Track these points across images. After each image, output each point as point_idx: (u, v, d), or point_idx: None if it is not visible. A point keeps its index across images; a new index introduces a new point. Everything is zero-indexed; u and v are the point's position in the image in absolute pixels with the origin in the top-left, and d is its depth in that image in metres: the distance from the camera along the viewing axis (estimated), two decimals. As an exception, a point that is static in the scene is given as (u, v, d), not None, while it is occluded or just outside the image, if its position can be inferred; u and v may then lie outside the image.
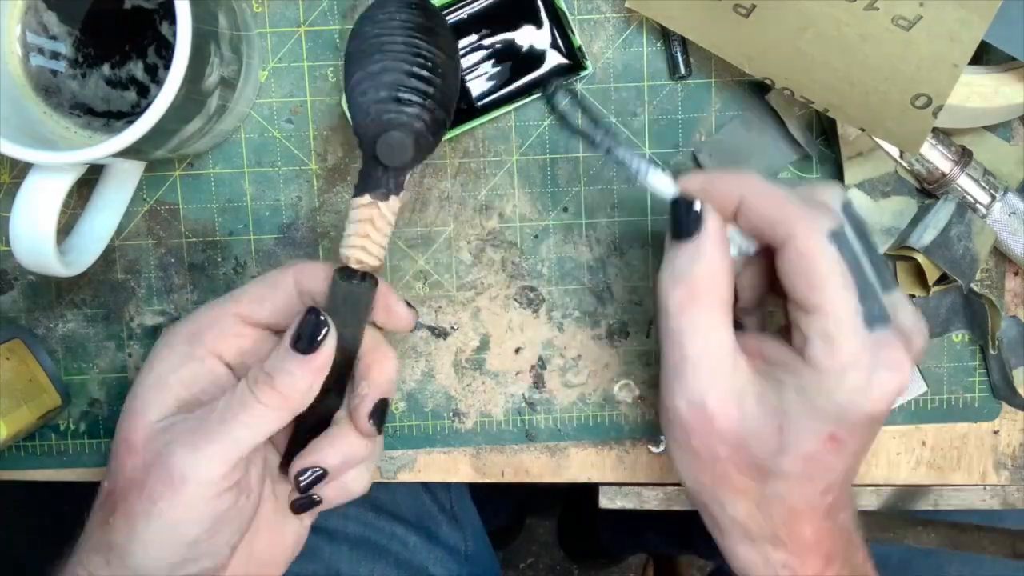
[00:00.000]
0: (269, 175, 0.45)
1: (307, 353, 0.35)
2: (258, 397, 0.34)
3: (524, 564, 1.28)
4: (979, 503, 0.48)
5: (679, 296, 0.34)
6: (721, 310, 0.34)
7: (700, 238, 0.34)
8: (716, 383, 0.34)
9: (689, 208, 0.34)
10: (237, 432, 0.34)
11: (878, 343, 0.32)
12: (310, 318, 0.35)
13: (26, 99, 0.39)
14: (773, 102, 0.43)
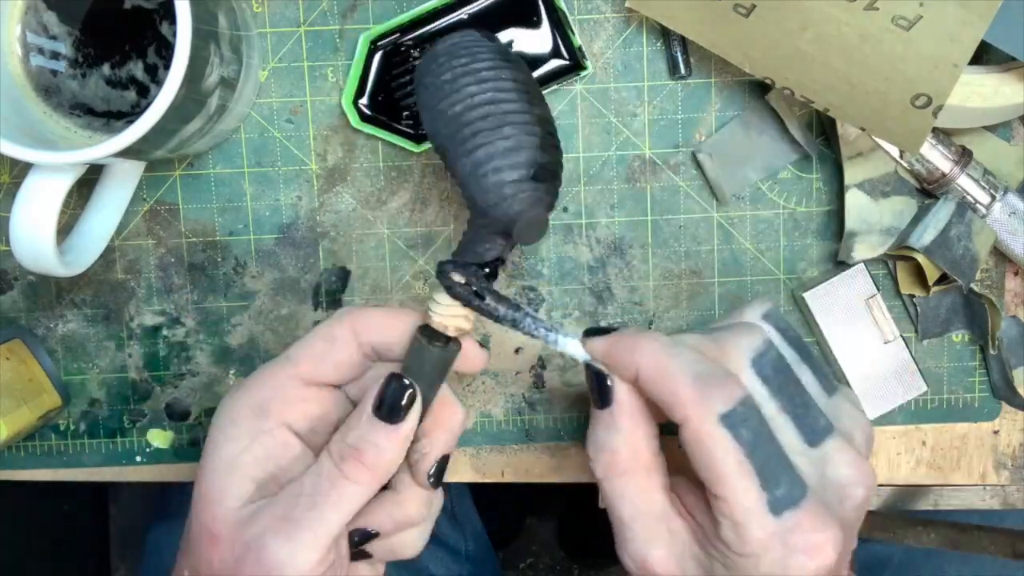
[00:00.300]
0: (269, 175, 0.45)
1: (394, 423, 0.33)
2: (347, 474, 0.33)
3: (524, 564, 1.28)
4: (979, 503, 0.48)
5: (603, 464, 0.33)
6: (647, 477, 0.33)
7: (613, 409, 0.33)
8: (654, 544, 0.32)
9: (600, 378, 0.33)
10: (329, 515, 0.33)
11: (789, 528, 0.30)
12: (394, 385, 0.33)
13: (26, 99, 0.39)
14: (773, 102, 0.43)
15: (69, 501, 1.08)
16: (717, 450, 0.30)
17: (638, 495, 0.33)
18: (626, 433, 0.33)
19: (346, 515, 0.33)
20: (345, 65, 0.44)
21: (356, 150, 0.44)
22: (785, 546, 0.30)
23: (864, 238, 0.44)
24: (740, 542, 0.30)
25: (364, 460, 0.33)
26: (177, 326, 0.46)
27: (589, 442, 0.34)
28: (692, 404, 0.30)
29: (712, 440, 0.30)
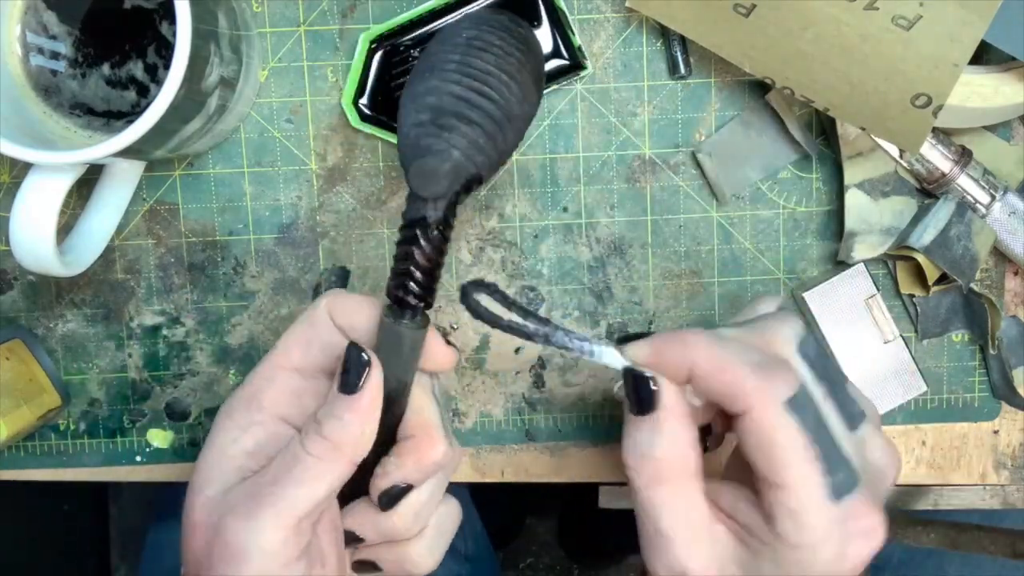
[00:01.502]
0: (269, 175, 0.45)
1: (350, 393, 0.32)
2: (308, 449, 0.32)
3: (524, 564, 1.28)
4: (979, 503, 0.48)
5: (646, 474, 0.32)
6: (691, 483, 0.32)
7: (659, 414, 0.31)
8: (695, 554, 0.31)
9: (643, 383, 0.32)
10: (291, 491, 0.31)
11: (848, 514, 0.30)
12: (351, 353, 0.32)
13: (26, 99, 0.39)
14: (773, 102, 0.43)
15: (69, 501, 1.08)
16: (782, 437, 0.29)
17: (683, 503, 0.32)
18: (673, 438, 0.31)
19: (311, 493, 0.31)
20: (345, 65, 0.44)
21: (356, 150, 0.44)
22: (843, 532, 0.30)
23: (864, 238, 0.44)
24: (799, 532, 0.29)
25: (324, 433, 0.32)
26: (177, 326, 0.46)
27: (628, 451, 0.32)
28: (756, 393, 0.30)
29: (777, 426, 0.30)
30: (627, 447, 0.32)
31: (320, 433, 0.32)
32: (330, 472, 0.32)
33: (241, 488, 0.32)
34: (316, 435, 0.32)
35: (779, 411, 0.30)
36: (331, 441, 0.32)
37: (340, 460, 0.32)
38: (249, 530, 0.31)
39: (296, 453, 0.32)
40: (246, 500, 0.32)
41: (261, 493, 0.31)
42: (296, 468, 0.32)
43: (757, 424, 0.30)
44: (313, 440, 0.32)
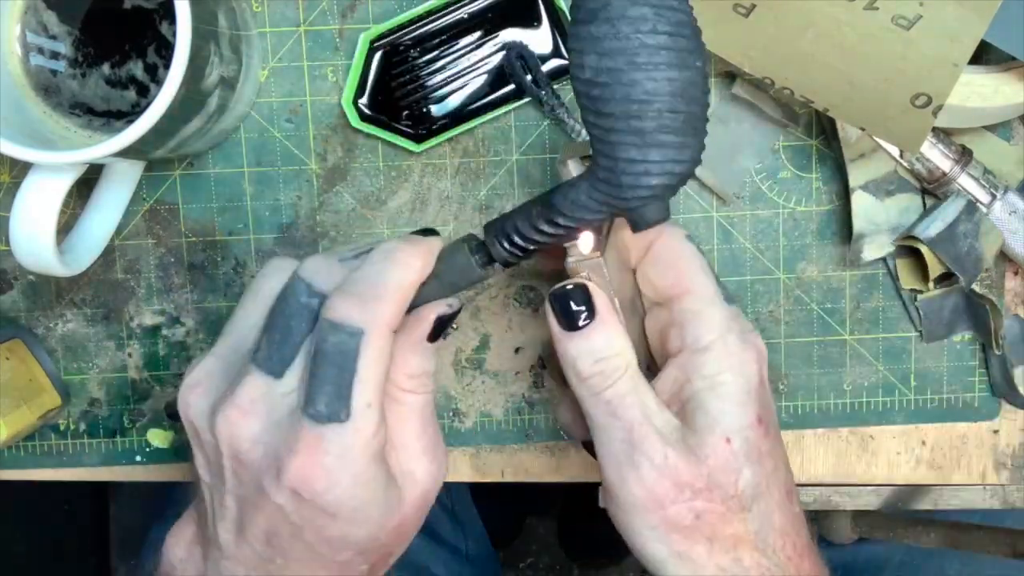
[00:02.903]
0: (269, 175, 0.45)
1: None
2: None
3: (524, 564, 1.28)
4: (979, 503, 0.48)
5: (608, 374, 0.34)
6: (637, 368, 0.35)
7: (602, 315, 0.34)
8: (666, 437, 0.34)
9: (581, 292, 0.34)
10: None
11: (736, 314, 0.35)
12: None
13: (26, 99, 0.39)
14: (741, 93, 0.43)
15: (69, 501, 1.08)
16: (688, 252, 0.36)
17: (643, 385, 0.34)
18: (619, 332, 0.34)
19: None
20: (345, 65, 0.44)
21: (356, 150, 0.44)
22: (739, 327, 0.35)
23: (872, 239, 0.44)
24: (705, 328, 0.34)
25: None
26: (177, 326, 0.46)
27: (580, 363, 0.34)
28: (663, 230, 0.36)
29: (684, 246, 0.36)
30: (578, 361, 0.34)
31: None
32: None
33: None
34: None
35: (682, 237, 0.36)
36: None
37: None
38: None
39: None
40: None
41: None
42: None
43: (666, 247, 0.36)
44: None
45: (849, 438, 0.48)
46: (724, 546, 0.34)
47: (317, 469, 0.31)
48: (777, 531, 0.35)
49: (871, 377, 0.47)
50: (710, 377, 0.34)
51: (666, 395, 0.35)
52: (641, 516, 0.34)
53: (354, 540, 0.33)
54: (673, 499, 0.33)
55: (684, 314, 0.35)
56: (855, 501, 0.49)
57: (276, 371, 0.32)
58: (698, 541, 0.34)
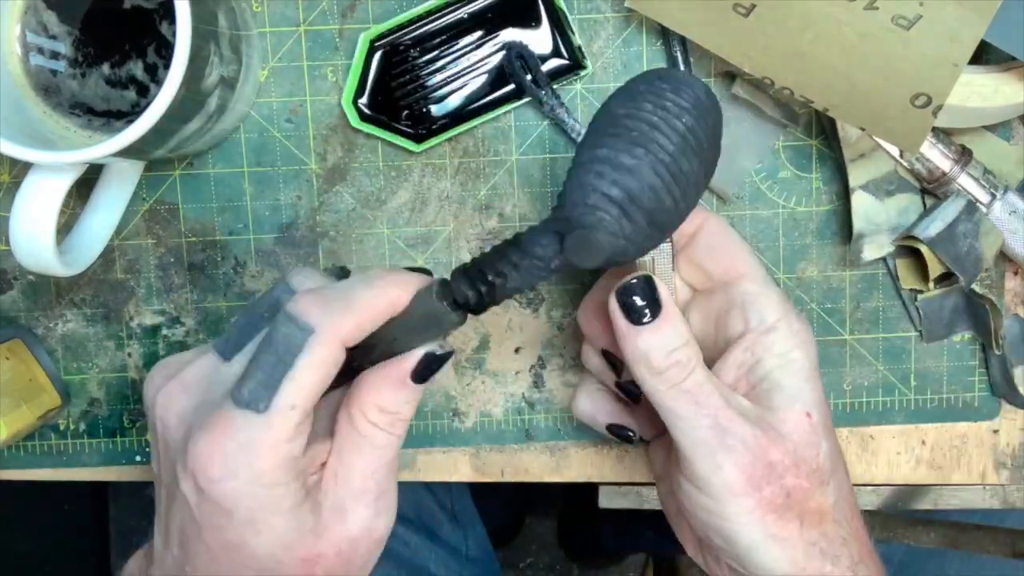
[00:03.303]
0: (269, 175, 0.45)
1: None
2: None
3: (524, 564, 1.28)
4: (979, 503, 0.48)
5: (684, 366, 0.34)
6: (704, 365, 0.35)
7: (667, 308, 0.34)
8: (749, 417, 0.34)
9: (650, 285, 0.34)
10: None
11: (786, 296, 0.37)
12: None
13: (26, 99, 0.39)
14: (741, 93, 0.43)
15: (69, 501, 1.08)
16: (736, 237, 0.37)
17: (709, 373, 0.34)
18: (683, 321, 0.34)
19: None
20: (345, 65, 0.44)
21: (356, 150, 0.44)
22: (792, 307, 0.36)
23: (872, 239, 0.44)
24: (770, 309, 0.35)
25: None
26: (177, 326, 0.46)
27: (653, 359, 0.33)
28: (705, 214, 0.37)
29: (730, 231, 0.37)
30: (651, 354, 0.33)
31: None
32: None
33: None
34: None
35: (726, 224, 0.37)
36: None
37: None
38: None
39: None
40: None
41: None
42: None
43: (715, 232, 0.37)
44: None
45: (849, 438, 0.48)
46: (811, 521, 0.34)
47: (216, 453, 0.29)
48: (846, 501, 0.35)
49: (871, 377, 0.47)
50: (782, 355, 0.35)
51: (731, 378, 0.36)
52: (737, 501, 0.33)
53: (253, 552, 0.31)
54: (768, 479, 0.33)
55: (745, 296, 0.36)
56: (855, 501, 0.49)
57: (226, 353, 0.32)
58: (791, 520, 0.34)
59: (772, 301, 0.35)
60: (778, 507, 0.33)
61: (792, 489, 0.33)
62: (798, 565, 0.33)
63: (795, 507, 0.34)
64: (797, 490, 0.34)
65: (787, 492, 0.33)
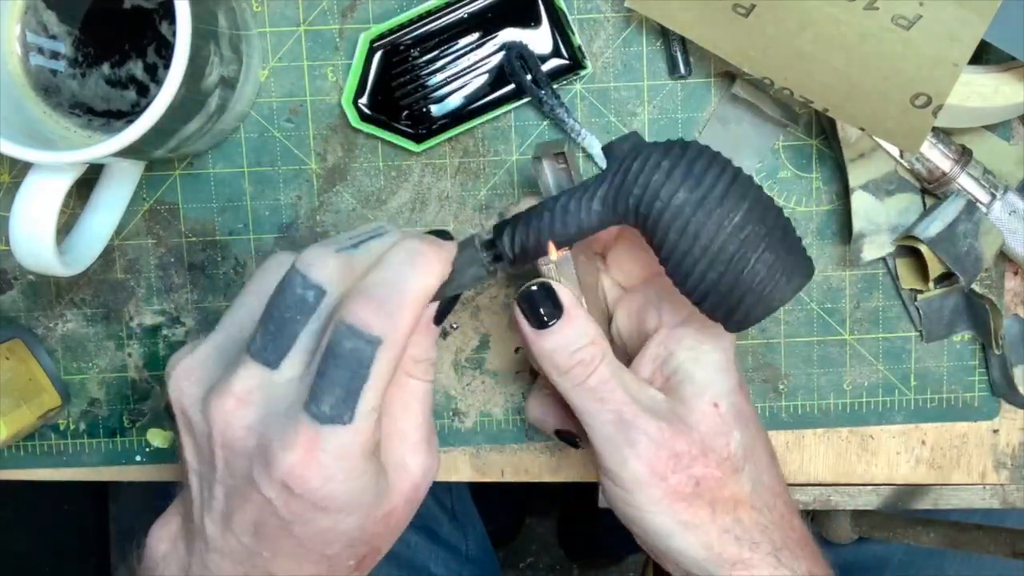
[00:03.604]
0: (269, 175, 0.45)
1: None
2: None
3: (524, 564, 1.28)
4: (979, 502, 0.48)
5: (588, 363, 0.35)
6: (614, 358, 0.36)
7: (568, 310, 0.35)
8: (656, 412, 0.35)
9: (546, 291, 0.35)
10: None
11: None
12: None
13: (26, 99, 0.39)
14: (741, 92, 0.43)
15: (69, 501, 1.08)
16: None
17: (622, 367, 0.36)
18: (589, 322, 0.35)
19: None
20: (345, 65, 0.44)
21: (356, 150, 0.44)
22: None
23: (872, 238, 0.44)
24: (681, 304, 0.35)
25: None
26: (177, 325, 0.46)
27: (557, 358, 0.35)
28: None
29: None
30: (555, 355, 0.35)
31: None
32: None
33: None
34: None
35: None
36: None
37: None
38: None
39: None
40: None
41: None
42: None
43: (635, 233, 0.35)
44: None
45: (849, 438, 0.48)
46: (725, 507, 0.35)
47: (312, 467, 0.30)
48: (768, 489, 0.36)
49: (871, 377, 0.47)
50: (693, 348, 0.36)
51: (648, 372, 0.37)
52: (644, 492, 0.35)
53: (343, 531, 0.32)
54: (673, 469, 0.34)
55: (660, 292, 0.37)
56: (855, 501, 0.49)
57: (272, 362, 0.32)
58: (701, 507, 0.35)
59: (683, 302, 0.35)
60: (687, 495, 0.35)
61: (701, 478, 0.35)
62: (713, 550, 0.35)
63: (706, 495, 0.35)
64: (707, 478, 0.35)
65: (696, 481, 0.35)
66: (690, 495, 0.35)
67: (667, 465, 0.34)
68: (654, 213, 0.32)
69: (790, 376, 0.47)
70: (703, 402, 0.35)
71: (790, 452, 0.48)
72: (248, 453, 0.32)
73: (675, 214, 0.32)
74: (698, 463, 0.35)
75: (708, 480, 0.35)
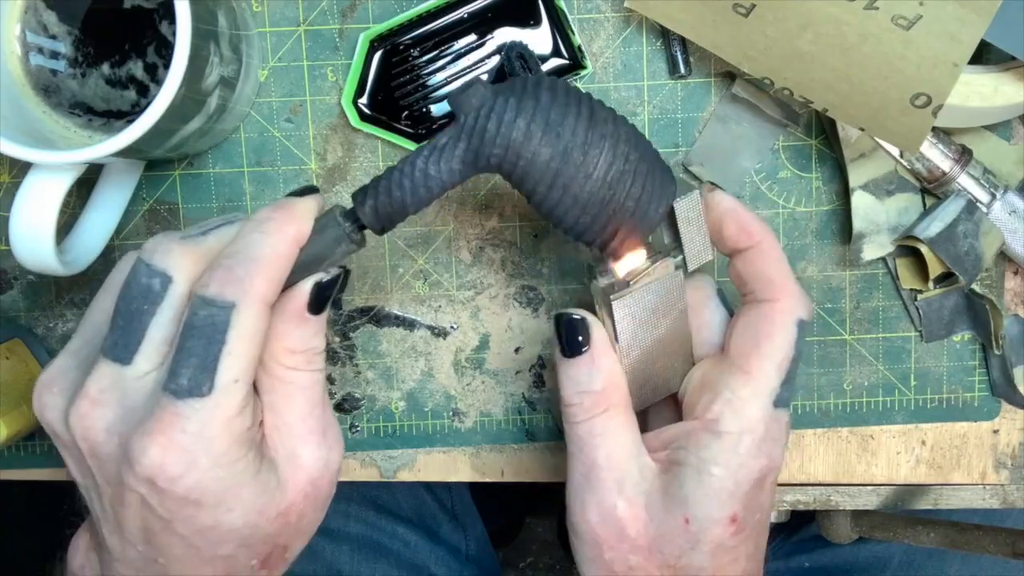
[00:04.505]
0: (269, 175, 0.45)
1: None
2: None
3: (524, 564, 1.28)
4: (979, 503, 0.48)
5: (587, 406, 0.35)
6: (625, 410, 0.35)
7: (593, 350, 0.34)
8: (624, 488, 0.34)
9: (576, 324, 0.35)
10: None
11: (775, 420, 0.34)
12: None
13: (26, 98, 0.39)
14: (741, 92, 0.43)
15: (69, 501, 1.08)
16: (781, 339, 0.34)
17: (619, 428, 0.35)
18: (609, 370, 0.34)
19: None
20: (345, 64, 0.44)
21: (356, 149, 0.44)
22: (767, 432, 0.33)
23: (872, 238, 0.44)
24: (735, 419, 0.33)
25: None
26: (177, 326, 0.46)
27: (567, 390, 0.35)
28: (792, 296, 0.34)
29: (785, 329, 0.34)
30: (564, 386, 0.35)
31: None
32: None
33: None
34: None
35: (793, 320, 0.34)
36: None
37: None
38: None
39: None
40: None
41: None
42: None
43: (772, 318, 0.34)
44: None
45: (849, 438, 0.48)
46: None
47: (171, 451, 0.29)
48: None
49: (871, 377, 0.47)
50: (703, 461, 0.33)
51: (663, 443, 0.35)
52: (582, 545, 0.36)
53: (230, 529, 0.31)
54: (612, 546, 0.34)
55: (724, 391, 0.34)
56: (855, 501, 0.49)
57: (123, 357, 0.31)
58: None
59: (743, 415, 0.33)
60: (616, 572, 0.35)
61: (636, 567, 0.34)
62: None
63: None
64: (641, 570, 0.34)
65: (629, 566, 0.34)
66: (620, 574, 0.35)
67: (607, 539, 0.34)
68: (518, 171, 0.32)
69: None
70: (676, 510, 0.34)
71: (790, 452, 0.48)
72: (114, 456, 0.31)
73: (542, 170, 0.32)
74: (639, 554, 0.34)
75: (641, 572, 0.34)
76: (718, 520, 0.33)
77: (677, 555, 0.34)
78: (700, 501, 0.33)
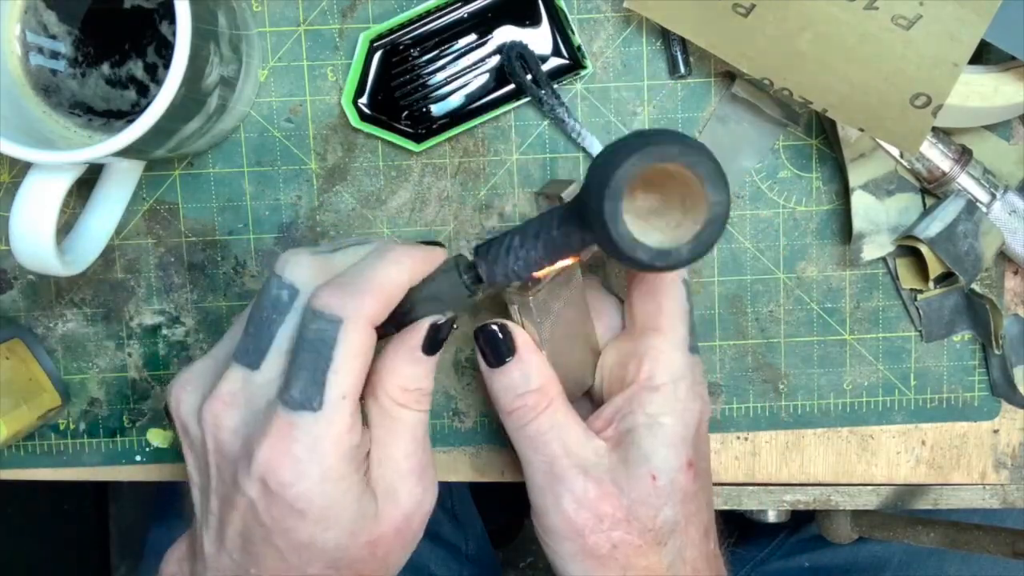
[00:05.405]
0: (269, 174, 0.45)
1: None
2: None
3: (524, 564, 1.28)
4: (979, 502, 0.48)
5: (529, 407, 0.36)
6: (565, 403, 0.36)
7: (520, 352, 0.36)
8: (588, 471, 0.35)
9: (498, 334, 0.36)
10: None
11: (696, 364, 0.37)
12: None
13: (25, 98, 0.39)
14: (741, 92, 0.43)
15: (69, 501, 1.08)
16: (676, 295, 0.37)
17: (565, 420, 0.36)
18: (539, 367, 0.36)
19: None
20: (345, 64, 0.44)
21: (356, 149, 0.44)
22: (694, 376, 0.36)
23: (872, 238, 0.44)
24: (662, 370, 0.36)
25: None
26: (177, 325, 0.46)
27: (504, 398, 0.36)
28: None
29: (675, 288, 0.37)
30: (501, 396, 0.36)
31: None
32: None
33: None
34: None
35: (677, 278, 0.37)
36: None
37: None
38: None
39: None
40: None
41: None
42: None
43: (659, 281, 0.37)
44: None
45: (849, 438, 0.48)
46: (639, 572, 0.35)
47: (285, 457, 0.31)
48: (688, 565, 0.36)
49: (871, 377, 0.47)
50: (652, 416, 0.35)
51: (606, 420, 0.37)
52: (562, 543, 0.36)
53: (323, 549, 0.32)
54: (592, 529, 0.35)
55: (648, 350, 0.36)
56: (855, 501, 0.49)
57: (252, 362, 0.33)
58: (613, 569, 0.35)
59: (670, 364, 0.36)
60: (601, 556, 0.35)
61: (619, 542, 0.35)
62: None
63: (620, 559, 0.35)
64: (625, 544, 0.35)
65: (613, 544, 0.35)
66: (605, 556, 0.35)
67: (587, 524, 0.35)
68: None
69: (790, 376, 0.47)
70: (641, 471, 0.35)
71: (790, 452, 0.48)
72: (235, 456, 0.32)
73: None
74: (620, 528, 0.35)
75: (625, 546, 0.35)
76: (678, 467, 0.35)
77: (653, 515, 0.35)
78: (659, 452, 0.35)
